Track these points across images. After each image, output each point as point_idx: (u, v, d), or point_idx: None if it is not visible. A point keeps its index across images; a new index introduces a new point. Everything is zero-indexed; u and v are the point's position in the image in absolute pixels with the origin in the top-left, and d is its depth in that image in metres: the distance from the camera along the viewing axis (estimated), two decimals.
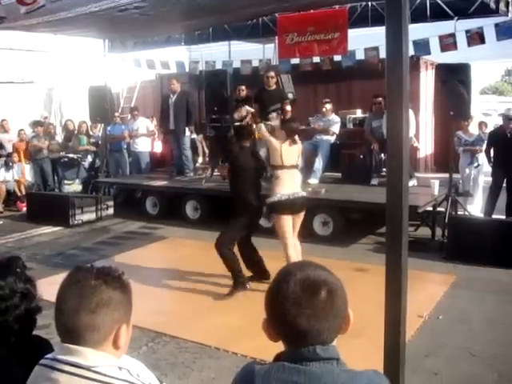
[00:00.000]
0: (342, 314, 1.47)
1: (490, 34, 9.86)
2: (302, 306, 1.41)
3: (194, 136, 11.95)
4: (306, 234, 8.65)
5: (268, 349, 1.50)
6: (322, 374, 1.40)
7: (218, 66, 13.75)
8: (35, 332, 1.96)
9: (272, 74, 9.95)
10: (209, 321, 5.63)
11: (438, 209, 8.63)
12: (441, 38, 10.32)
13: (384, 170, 8.71)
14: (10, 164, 12.84)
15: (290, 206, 6.29)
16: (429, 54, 10.82)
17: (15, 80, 18.27)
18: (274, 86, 9.96)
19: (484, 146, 9.61)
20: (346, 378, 1.40)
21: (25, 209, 11.71)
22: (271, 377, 1.42)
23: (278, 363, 1.45)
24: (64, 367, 1.52)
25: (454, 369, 4.52)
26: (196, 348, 5.03)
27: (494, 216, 8.89)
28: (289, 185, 6.33)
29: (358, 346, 4.66)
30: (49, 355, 1.60)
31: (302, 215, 6.54)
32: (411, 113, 9.26)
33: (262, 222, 7.62)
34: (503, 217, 8.79)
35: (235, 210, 6.46)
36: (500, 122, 9.71)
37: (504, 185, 9.16)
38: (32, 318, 1.90)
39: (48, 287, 1.98)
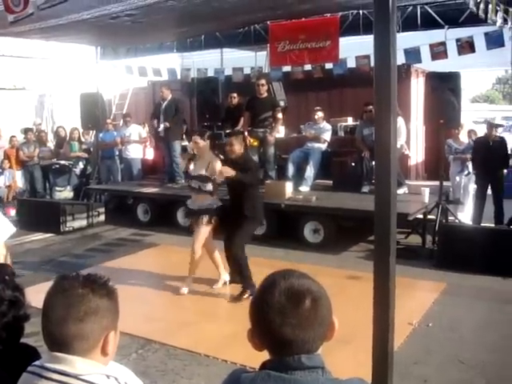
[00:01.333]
0: (326, 322, 1.47)
1: (480, 42, 9.94)
2: (286, 315, 1.42)
3: (186, 143, 11.96)
4: (297, 241, 8.72)
5: (258, 356, 1.51)
6: (307, 382, 1.40)
7: (210, 74, 13.79)
8: (24, 340, 1.95)
9: (263, 81, 9.96)
10: (199, 328, 5.63)
11: (429, 216, 8.66)
12: (431, 46, 10.40)
13: None
14: (1, 170, 12.81)
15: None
16: (420, 62, 10.89)
17: (6, 86, 18.26)
18: (265, 94, 9.98)
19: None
20: None
21: (12, 213, 11.63)
22: None
23: (263, 371, 1.45)
24: (52, 375, 1.52)
25: (443, 376, 4.54)
26: (185, 355, 5.02)
27: (483, 224, 8.94)
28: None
29: (348, 352, 4.69)
30: (37, 362, 1.60)
31: (200, 226, 6.68)
32: (402, 121, 9.33)
33: None
34: (493, 225, 8.85)
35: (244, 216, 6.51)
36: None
37: (489, 192, 9.25)
38: (20, 325, 1.90)
39: (38, 294, 1.97)
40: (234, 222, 6.49)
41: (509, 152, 9.51)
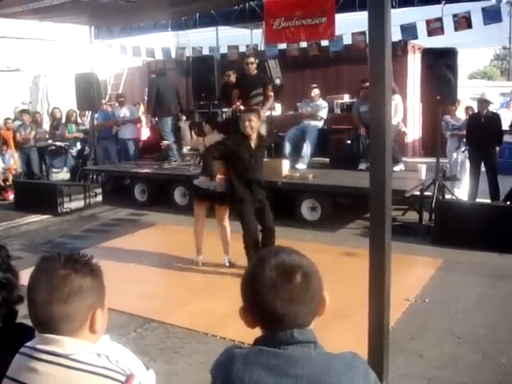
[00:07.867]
0: (317, 297, 1.48)
1: (477, 19, 9.87)
2: (278, 290, 1.42)
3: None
4: (294, 218, 8.74)
5: (256, 333, 1.52)
6: (299, 357, 1.41)
7: (205, 52, 13.68)
8: (25, 321, 1.95)
9: (251, 59, 9.84)
10: (197, 306, 5.66)
11: (426, 193, 8.67)
12: (428, 22, 10.32)
13: None
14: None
15: None
16: (416, 38, 10.81)
17: (0, 68, 18.09)
18: (255, 72, 9.87)
19: None
20: (323, 361, 1.42)
21: (11, 197, 11.65)
22: (250, 361, 1.43)
23: (256, 347, 1.46)
24: (42, 356, 1.52)
25: (439, 351, 4.57)
26: (184, 333, 5.05)
27: (480, 200, 8.95)
28: None
29: (345, 328, 4.73)
30: (28, 343, 1.59)
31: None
32: (399, 98, 9.30)
33: None
34: (489, 201, 8.86)
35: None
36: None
37: (483, 169, 9.26)
38: (12, 308, 1.87)
39: None
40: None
41: (503, 128, 9.48)
